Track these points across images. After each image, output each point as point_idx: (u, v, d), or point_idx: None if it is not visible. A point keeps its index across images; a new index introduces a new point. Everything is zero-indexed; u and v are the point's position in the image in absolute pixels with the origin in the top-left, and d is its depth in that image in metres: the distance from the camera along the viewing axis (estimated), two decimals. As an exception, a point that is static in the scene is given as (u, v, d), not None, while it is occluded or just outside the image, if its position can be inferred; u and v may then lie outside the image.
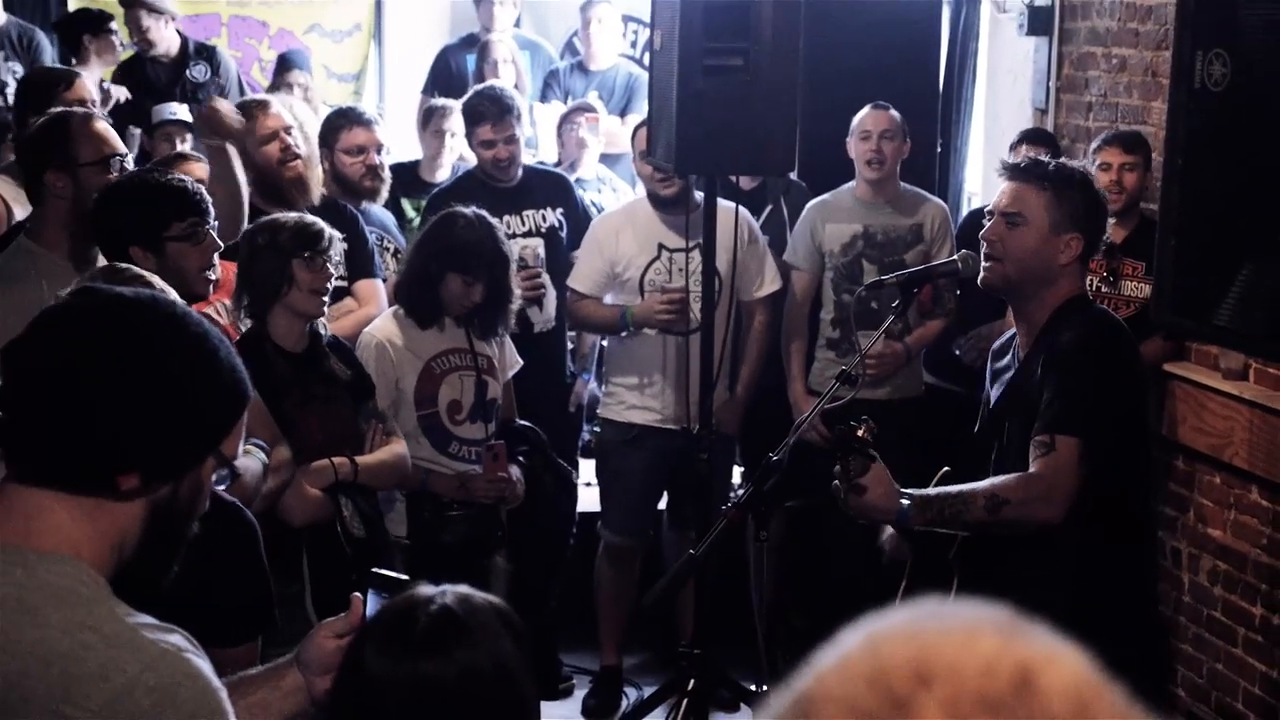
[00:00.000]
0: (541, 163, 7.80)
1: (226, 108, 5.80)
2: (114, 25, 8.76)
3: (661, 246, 6.45)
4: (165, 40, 8.90)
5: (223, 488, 2.45)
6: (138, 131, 7.87)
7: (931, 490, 4.14)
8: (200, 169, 5.49)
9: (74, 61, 8.47)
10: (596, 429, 6.92)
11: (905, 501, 4.03)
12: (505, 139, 6.67)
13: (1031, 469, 4.02)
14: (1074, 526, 4.02)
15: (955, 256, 4.90)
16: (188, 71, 8.81)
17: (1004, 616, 1.03)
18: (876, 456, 4.01)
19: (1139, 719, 0.98)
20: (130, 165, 5.19)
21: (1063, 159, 4.71)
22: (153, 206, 4.37)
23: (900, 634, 1.00)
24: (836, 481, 4.10)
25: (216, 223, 4.55)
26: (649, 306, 6.39)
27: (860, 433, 4.01)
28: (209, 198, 4.56)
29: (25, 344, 2.28)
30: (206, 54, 8.97)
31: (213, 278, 4.53)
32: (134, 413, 2.22)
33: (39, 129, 4.97)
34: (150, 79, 8.67)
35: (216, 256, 4.52)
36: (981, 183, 8.74)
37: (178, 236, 4.36)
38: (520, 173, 6.82)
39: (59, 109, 5.14)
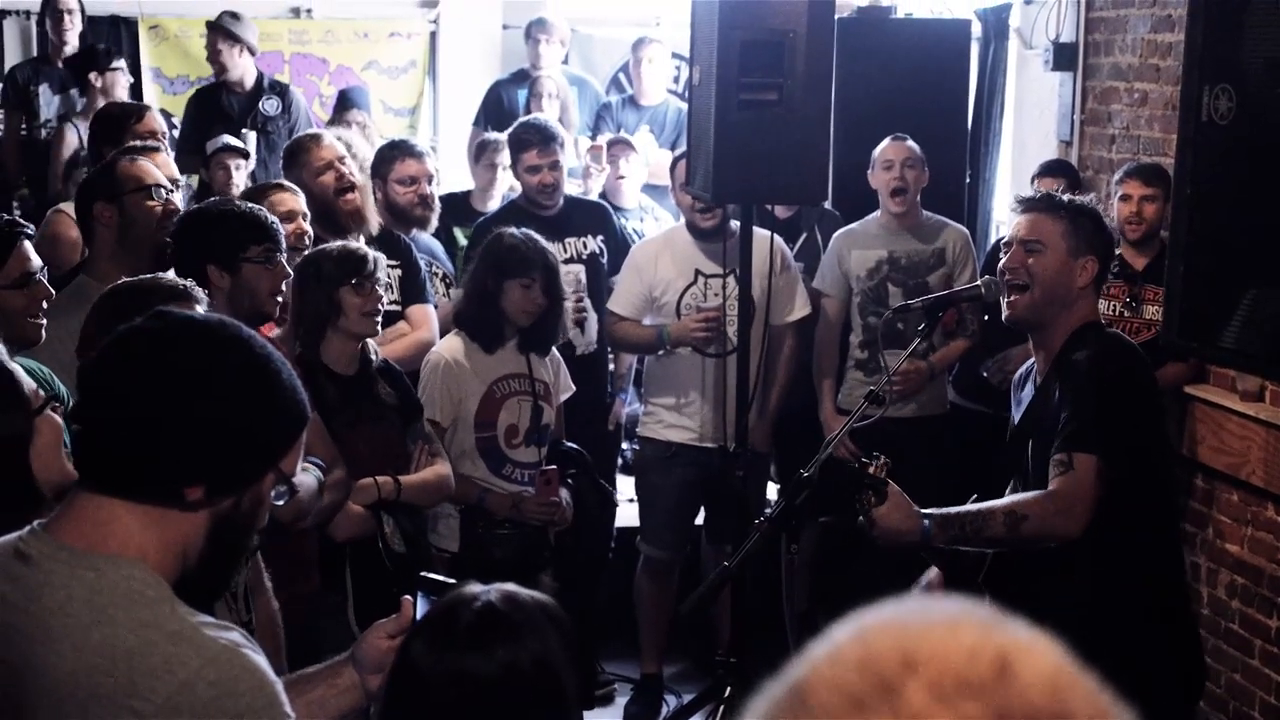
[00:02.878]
0: (583, 195, 7.84)
1: None
2: (119, 63, 8.89)
3: (698, 272, 6.48)
4: (240, 69, 9.00)
5: (281, 503, 2.48)
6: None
7: (952, 509, 4.11)
8: (291, 199, 5.54)
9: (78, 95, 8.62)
10: (635, 446, 6.93)
11: (926, 521, 4.03)
12: (550, 165, 6.72)
13: (1051, 486, 4.01)
14: (1099, 549, 4.01)
15: (979, 282, 4.91)
16: (260, 104, 8.91)
17: (985, 611, 1.05)
18: (888, 486, 4.00)
19: (1111, 706, 1.00)
20: (179, 195, 5.27)
21: (1071, 191, 4.72)
22: (232, 231, 4.46)
23: (887, 625, 1.03)
24: (860, 517, 4.10)
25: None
26: (685, 326, 6.40)
27: (871, 470, 4.01)
28: (283, 228, 4.63)
29: (100, 363, 2.32)
30: (279, 89, 9.09)
31: (280, 300, 4.59)
32: (201, 429, 2.25)
33: (91, 174, 5.05)
34: (224, 108, 8.79)
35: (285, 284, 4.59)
36: (1010, 211, 8.73)
37: (253, 260, 4.43)
38: (562, 201, 6.86)
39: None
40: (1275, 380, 5.55)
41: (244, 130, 8.64)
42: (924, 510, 4.01)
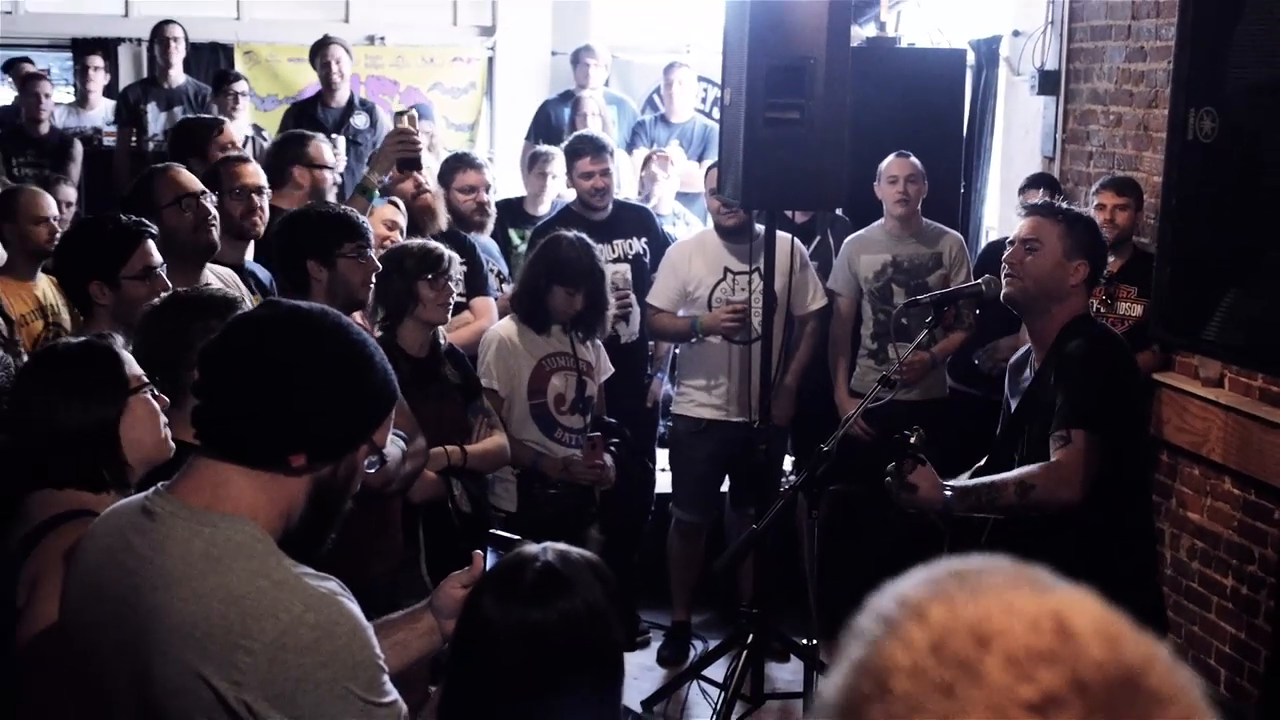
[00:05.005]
0: (627, 199, 7.82)
1: None
2: (242, 85, 8.92)
3: (727, 270, 6.45)
4: (347, 84, 8.99)
5: (372, 471, 2.47)
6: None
7: (970, 481, 4.12)
8: (390, 211, 5.57)
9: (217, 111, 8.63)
10: (669, 423, 6.91)
11: (949, 492, 4.02)
12: (601, 171, 6.72)
13: (1053, 459, 4.00)
14: (1087, 518, 4.00)
15: (980, 280, 4.87)
16: (352, 119, 8.90)
17: (1015, 568, 1.02)
18: (926, 459, 4.00)
19: (1152, 640, 0.97)
20: (266, 199, 5.24)
21: (1058, 199, 4.72)
22: (328, 230, 4.52)
23: (942, 600, 0.98)
24: (889, 479, 4.08)
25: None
26: (715, 317, 6.37)
27: (913, 440, 4.00)
28: (371, 228, 4.67)
29: (218, 344, 2.31)
30: (367, 108, 9.08)
31: (371, 289, 4.61)
32: (305, 403, 2.25)
33: (128, 192, 5.00)
34: (319, 121, 8.77)
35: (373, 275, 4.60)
36: (998, 219, 8.71)
37: (347, 255, 4.49)
38: (611, 206, 6.84)
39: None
40: (1252, 368, 5.51)
41: (336, 136, 8.64)
42: (946, 482, 3.99)
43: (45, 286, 5.53)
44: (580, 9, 11.05)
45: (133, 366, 3.06)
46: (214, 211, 4.82)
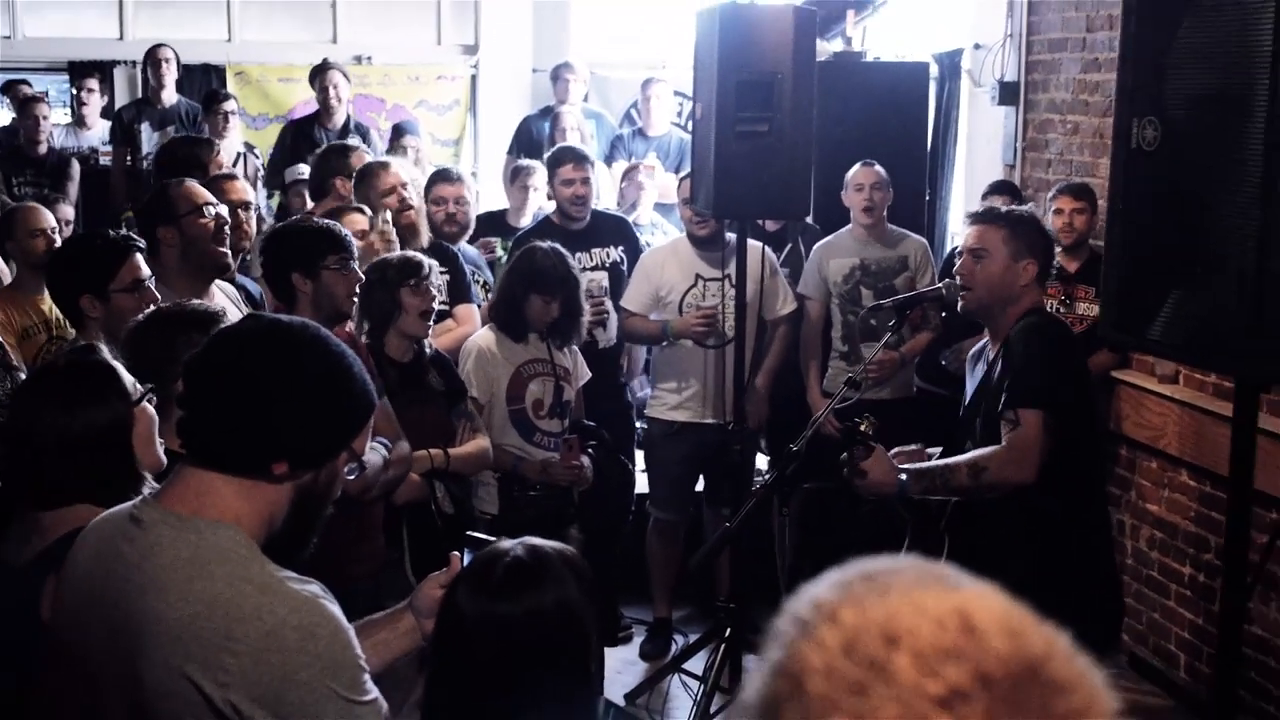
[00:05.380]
0: (607, 209, 7.83)
1: None
2: (231, 105, 8.92)
3: (698, 276, 6.46)
4: (345, 106, 9.02)
5: (352, 477, 2.48)
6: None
7: (924, 464, 4.13)
8: (359, 218, 5.53)
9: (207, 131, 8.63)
10: (644, 425, 6.92)
11: (903, 476, 4.03)
12: (582, 179, 6.71)
13: (1004, 441, 4.01)
14: (1040, 503, 4.01)
15: (941, 285, 4.90)
16: (347, 139, 8.90)
17: (921, 566, 1.02)
18: (877, 444, 4.01)
19: (1052, 631, 0.98)
20: (253, 214, 5.25)
21: (1014, 203, 4.71)
22: (312, 243, 4.46)
23: (853, 603, 0.98)
24: (845, 468, 4.10)
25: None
26: (686, 321, 6.39)
27: (863, 428, 4.01)
28: (354, 240, 4.63)
29: (202, 357, 2.32)
30: (362, 131, 9.12)
31: (355, 300, 4.57)
32: (286, 413, 2.26)
33: (147, 202, 5.01)
34: (316, 141, 8.79)
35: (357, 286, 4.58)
36: (962, 224, 8.72)
37: (330, 267, 4.42)
38: (590, 216, 6.85)
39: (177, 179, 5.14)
40: (1195, 365, 5.54)
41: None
42: (901, 465, 4.00)
43: (51, 301, 5.52)
44: (559, 27, 11.07)
45: (128, 376, 3.05)
46: (229, 220, 4.86)
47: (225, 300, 4.80)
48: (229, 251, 4.81)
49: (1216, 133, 3.07)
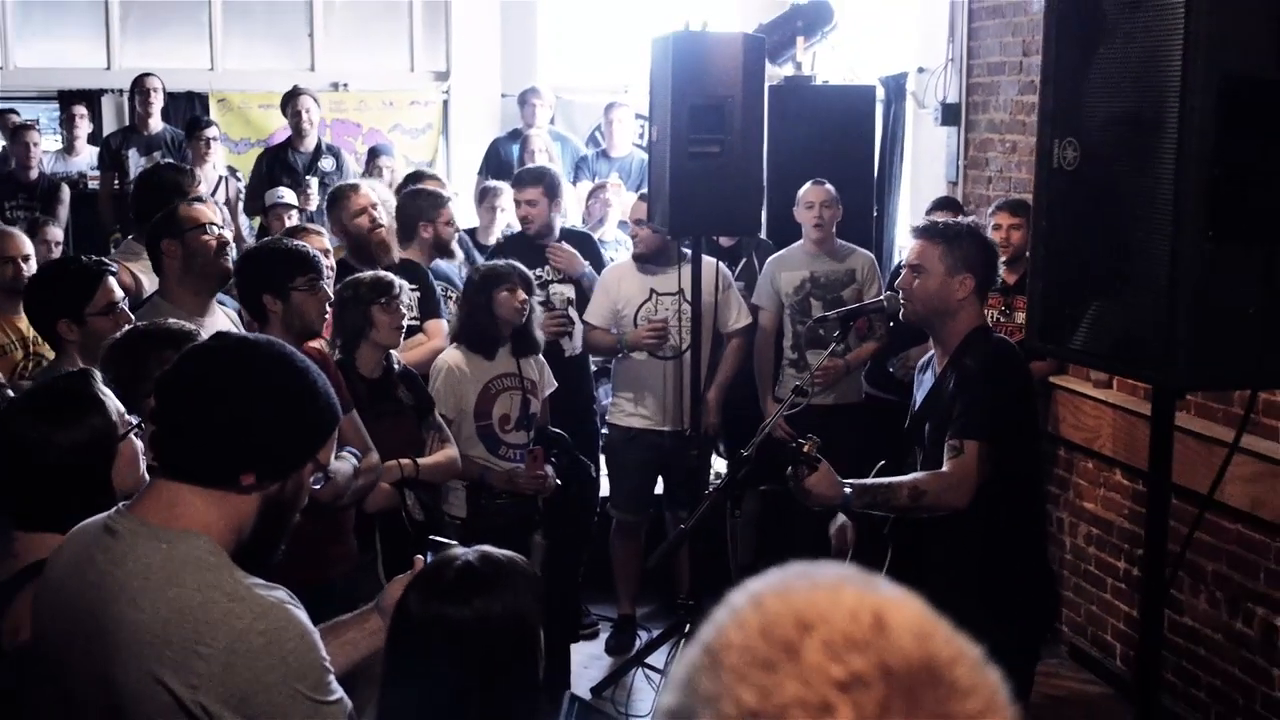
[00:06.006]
0: (573, 226, 7.84)
1: None
2: (213, 131, 8.93)
3: (653, 290, 6.47)
4: (315, 130, 9.05)
5: (318, 487, 2.48)
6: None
7: (869, 480, 4.09)
8: (319, 240, 5.49)
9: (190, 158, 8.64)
10: (605, 431, 6.93)
11: (848, 490, 4.00)
12: (527, 201, 6.74)
13: (944, 467, 4.00)
14: (981, 511, 4.01)
15: (882, 296, 4.92)
16: (319, 162, 8.95)
17: (856, 573, 1.04)
18: (820, 461, 3.99)
19: (965, 642, 0.99)
20: (228, 235, 5.25)
21: (957, 218, 4.68)
22: (281, 265, 4.37)
23: (779, 593, 1.01)
24: (790, 484, 4.09)
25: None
26: (638, 334, 6.42)
27: (806, 449, 4.00)
28: (324, 260, 4.60)
29: (172, 374, 2.32)
30: (334, 152, 9.19)
31: (326, 318, 4.52)
32: (253, 427, 2.27)
33: (157, 219, 5.00)
34: (289, 164, 8.84)
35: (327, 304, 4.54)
36: (908, 239, 8.77)
37: (300, 288, 4.34)
38: (557, 232, 6.86)
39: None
40: (1115, 373, 5.59)
41: (308, 177, 8.67)
42: (846, 480, 4.01)
43: (30, 324, 5.46)
44: (527, 54, 11.10)
45: (118, 409, 2.97)
46: (230, 240, 4.91)
47: (226, 322, 4.81)
48: (229, 259, 4.81)
49: (1131, 153, 3.09)
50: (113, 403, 2.94)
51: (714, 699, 0.96)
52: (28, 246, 5.65)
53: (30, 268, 5.52)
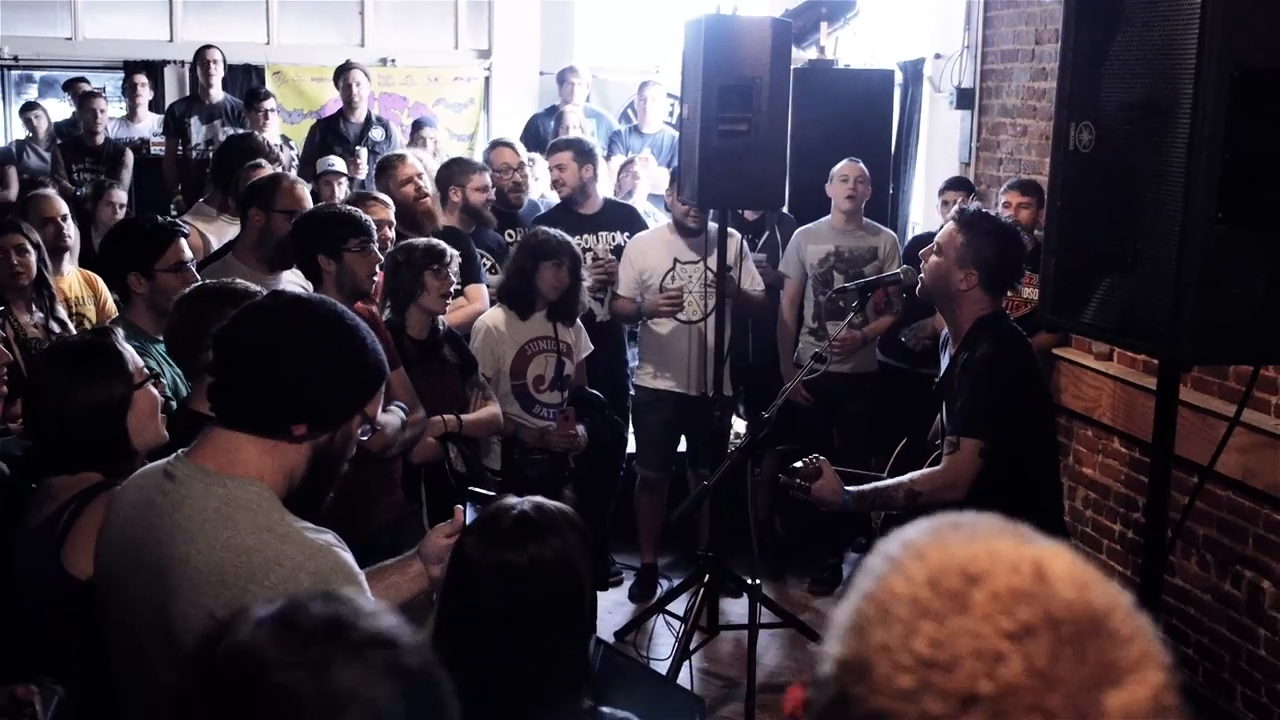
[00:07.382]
0: (615, 197, 7.77)
1: None
2: (271, 103, 8.90)
3: (676, 260, 6.43)
4: (366, 102, 9.02)
5: (365, 438, 2.46)
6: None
7: (867, 486, 4.00)
8: (382, 210, 5.46)
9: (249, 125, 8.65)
10: (632, 393, 6.90)
11: (848, 495, 3.92)
12: (557, 166, 6.74)
13: (940, 465, 3.93)
14: (978, 505, 3.93)
15: (899, 270, 4.89)
16: (370, 132, 8.93)
17: (1003, 522, 1.04)
18: (820, 472, 3.91)
19: (1118, 590, 0.99)
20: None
21: (992, 211, 4.44)
22: (335, 228, 4.37)
23: (939, 546, 1.00)
24: (792, 494, 4.01)
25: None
26: (655, 301, 6.38)
27: (801, 469, 3.94)
28: (374, 224, 4.56)
29: (231, 328, 2.30)
30: (383, 124, 9.18)
31: (375, 280, 4.52)
32: (306, 380, 2.25)
33: (260, 180, 5.02)
34: (342, 134, 8.83)
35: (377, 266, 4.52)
36: (922, 216, 8.72)
37: (352, 249, 4.34)
38: (603, 203, 6.85)
39: (271, 171, 5.16)
40: (1123, 347, 5.53)
41: (358, 147, 8.65)
42: (847, 487, 3.93)
43: (72, 280, 5.44)
44: (565, 34, 11.04)
45: (135, 361, 3.04)
46: None
47: (295, 288, 4.80)
48: None
49: (1145, 137, 3.04)
50: (130, 354, 3.02)
51: (888, 649, 0.96)
52: (64, 207, 5.63)
53: (69, 228, 5.52)
